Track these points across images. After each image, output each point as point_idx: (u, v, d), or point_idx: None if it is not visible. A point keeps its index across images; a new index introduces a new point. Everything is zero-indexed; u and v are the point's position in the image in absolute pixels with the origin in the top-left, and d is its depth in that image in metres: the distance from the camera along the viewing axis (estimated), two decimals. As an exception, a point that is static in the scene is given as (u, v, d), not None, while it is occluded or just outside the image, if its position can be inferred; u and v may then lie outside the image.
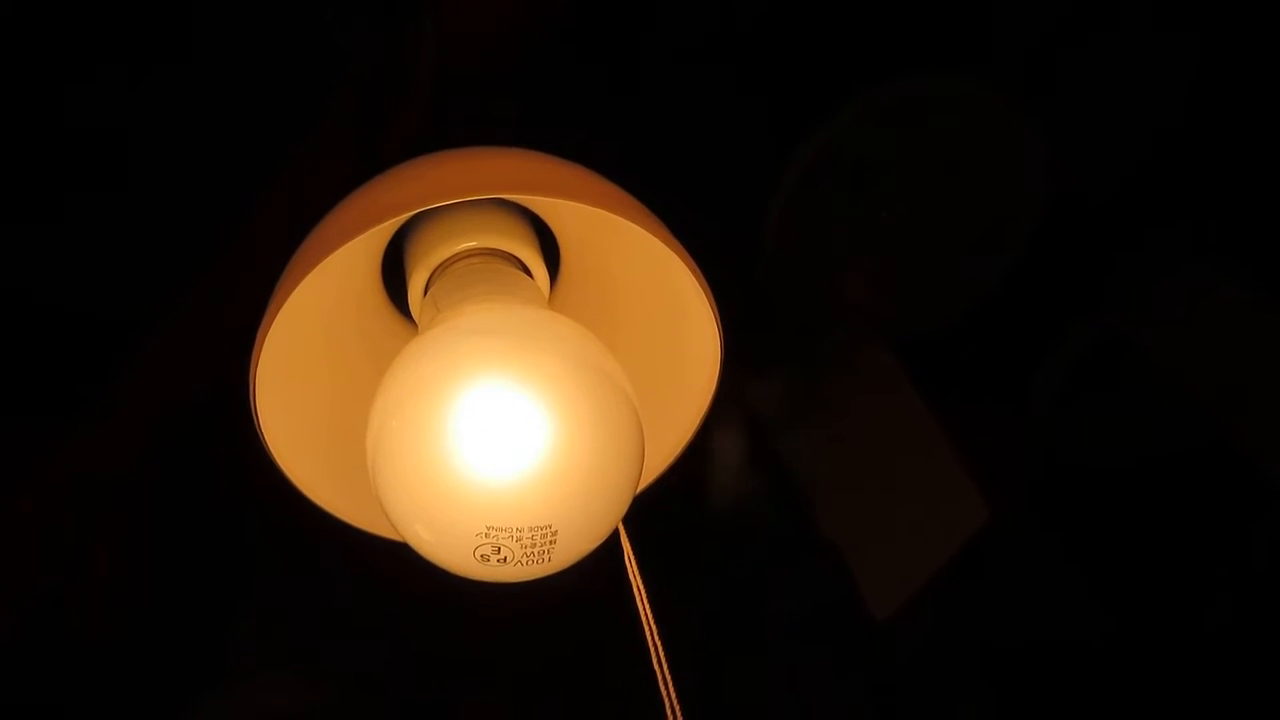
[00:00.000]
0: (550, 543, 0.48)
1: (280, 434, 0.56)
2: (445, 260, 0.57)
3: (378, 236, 0.57)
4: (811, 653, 1.19)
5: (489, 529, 0.47)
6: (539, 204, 0.59)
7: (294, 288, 0.49)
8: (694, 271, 0.53)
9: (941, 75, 1.09)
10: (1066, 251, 1.21)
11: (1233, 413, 1.13)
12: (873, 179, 1.09)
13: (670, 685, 0.53)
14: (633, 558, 0.56)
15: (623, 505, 0.50)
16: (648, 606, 0.55)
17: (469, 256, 0.57)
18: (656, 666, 0.53)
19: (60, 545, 1.09)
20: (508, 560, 0.48)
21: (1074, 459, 1.26)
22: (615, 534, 0.53)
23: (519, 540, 0.47)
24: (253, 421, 0.54)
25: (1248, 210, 1.20)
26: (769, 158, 1.05)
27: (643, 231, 0.52)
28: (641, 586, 0.55)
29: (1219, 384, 1.14)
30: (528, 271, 0.58)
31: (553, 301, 0.61)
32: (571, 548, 0.49)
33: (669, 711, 0.53)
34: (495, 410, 0.47)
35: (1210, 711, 1.14)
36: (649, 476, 0.59)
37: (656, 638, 0.54)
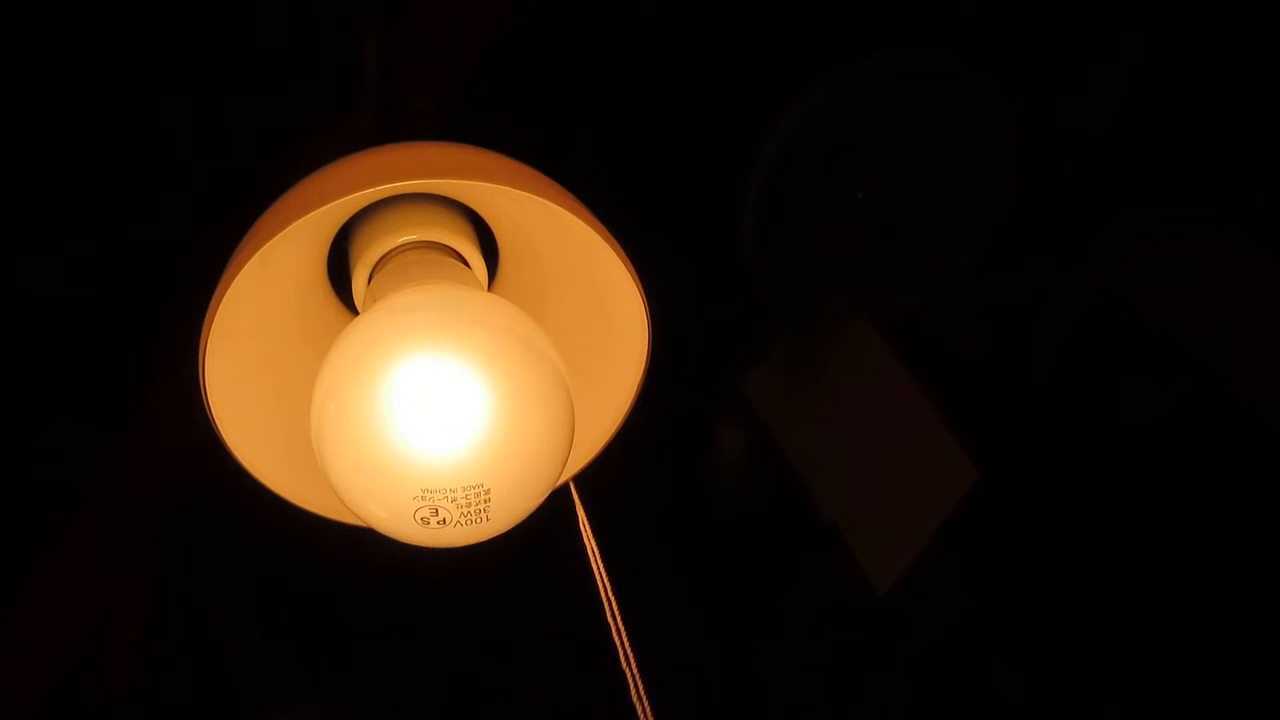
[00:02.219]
0: (485, 501, 0.49)
1: (241, 434, 0.58)
2: (385, 254, 0.59)
3: (318, 234, 0.59)
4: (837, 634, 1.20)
5: (424, 491, 0.49)
6: (472, 197, 0.61)
7: (228, 286, 0.51)
8: (618, 252, 0.54)
9: (903, 51, 1.10)
10: (1048, 213, 1.21)
11: (1227, 361, 1.13)
12: (843, 160, 1.10)
13: (628, 647, 0.54)
14: (586, 521, 0.57)
15: (555, 464, 0.51)
16: (602, 568, 0.56)
17: (407, 249, 0.59)
18: (612, 623, 0.54)
19: (89, 607, 1.12)
20: (446, 521, 0.50)
21: (1078, 425, 1.26)
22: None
23: (454, 501, 0.49)
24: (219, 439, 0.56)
25: (1231, 157, 1.19)
26: (732, 150, 1.06)
27: (570, 216, 0.53)
28: (596, 549, 0.57)
29: (1210, 333, 1.13)
30: (467, 264, 0.61)
31: (492, 292, 0.63)
32: (508, 506, 0.50)
33: (627, 671, 0.54)
34: (423, 380, 0.49)
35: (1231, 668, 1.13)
36: (595, 447, 0.60)
37: (611, 594, 0.55)
